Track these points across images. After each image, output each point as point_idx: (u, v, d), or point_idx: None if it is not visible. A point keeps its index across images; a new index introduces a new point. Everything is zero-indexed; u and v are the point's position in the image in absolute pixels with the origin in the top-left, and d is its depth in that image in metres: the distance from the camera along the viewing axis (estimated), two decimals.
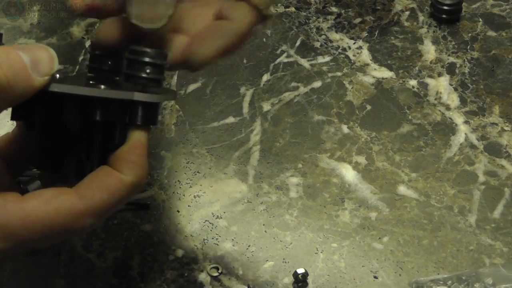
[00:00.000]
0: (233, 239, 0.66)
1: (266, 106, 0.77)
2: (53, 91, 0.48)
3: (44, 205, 0.45)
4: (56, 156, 0.51)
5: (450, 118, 0.75)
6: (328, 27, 0.84)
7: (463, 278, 0.62)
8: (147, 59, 0.50)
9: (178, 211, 0.68)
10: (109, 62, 0.52)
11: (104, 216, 0.47)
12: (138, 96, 0.49)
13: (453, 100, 0.77)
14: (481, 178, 0.70)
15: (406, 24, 0.84)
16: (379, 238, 0.66)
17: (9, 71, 0.45)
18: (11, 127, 0.50)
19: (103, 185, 0.47)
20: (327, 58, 0.81)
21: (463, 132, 0.74)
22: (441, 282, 0.61)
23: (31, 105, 0.49)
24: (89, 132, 0.50)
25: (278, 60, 0.81)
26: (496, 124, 0.74)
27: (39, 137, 0.51)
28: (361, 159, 0.72)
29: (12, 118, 0.50)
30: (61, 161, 0.51)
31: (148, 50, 0.50)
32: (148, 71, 0.50)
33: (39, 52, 0.47)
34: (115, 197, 0.47)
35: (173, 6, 0.52)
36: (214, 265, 0.64)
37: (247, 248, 0.65)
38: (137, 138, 0.49)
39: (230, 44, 0.53)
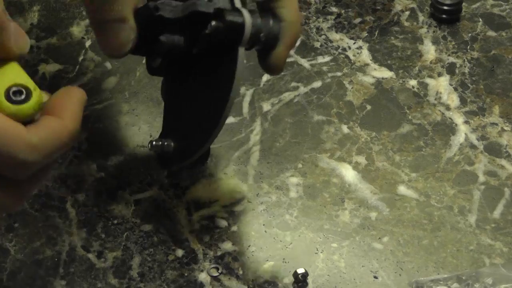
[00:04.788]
0: (233, 239, 0.66)
1: (266, 106, 0.77)
2: None
3: None
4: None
5: (450, 118, 0.75)
6: (328, 27, 0.84)
7: (463, 278, 0.62)
8: None
9: (178, 211, 0.68)
10: None
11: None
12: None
13: (453, 100, 0.77)
14: (481, 178, 0.70)
15: (406, 24, 0.84)
16: (379, 238, 0.66)
17: None
18: None
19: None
20: (327, 58, 0.81)
21: (463, 132, 0.74)
22: (441, 282, 0.62)
23: None
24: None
25: None
26: (496, 124, 0.74)
27: None
28: (361, 159, 0.72)
29: None
30: None
31: None
32: None
33: None
34: None
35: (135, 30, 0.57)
36: (214, 265, 0.64)
37: (247, 248, 0.65)
38: None
39: None
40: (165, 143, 0.62)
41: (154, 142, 0.62)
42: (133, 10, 0.57)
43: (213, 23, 0.56)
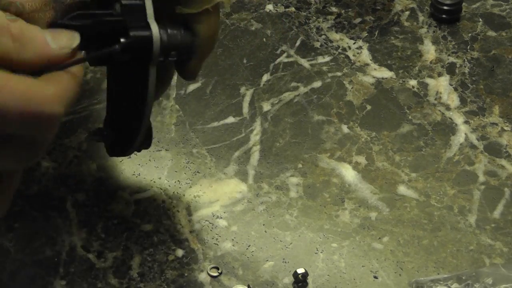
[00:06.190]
0: (233, 239, 0.66)
1: (266, 106, 0.77)
2: None
3: None
4: None
5: (450, 118, 0.75)
6: (328, 27, 0.84)
7: (463, 278, 0.62)
8: None
9: (178, 211, 0.68)
10: None
11: None
12: None
13: (453, 100, 0.77)
14: (481, 178, 0.70)
15: (406, 24, 0.84)
16: (379, 238, 0.66)
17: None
18: None
19: None
20: (327, 58, 0.81)
21: (463, 132, 0.74)
22: (441, 282, 0.62)
23: None
24: None
25: (278, 60, 0.81)
26: (496, 124, 0.74)
27: None
28: (361, 159, 0.72)
29: None
30: None
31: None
32: None
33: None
34: None
35: None
36: (214, 265, 0.64)
37: (247, 248, 0.65)
38: None
39: None
40: (104, 133, 0.62)
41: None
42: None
43: (122, 40, 0.52)
